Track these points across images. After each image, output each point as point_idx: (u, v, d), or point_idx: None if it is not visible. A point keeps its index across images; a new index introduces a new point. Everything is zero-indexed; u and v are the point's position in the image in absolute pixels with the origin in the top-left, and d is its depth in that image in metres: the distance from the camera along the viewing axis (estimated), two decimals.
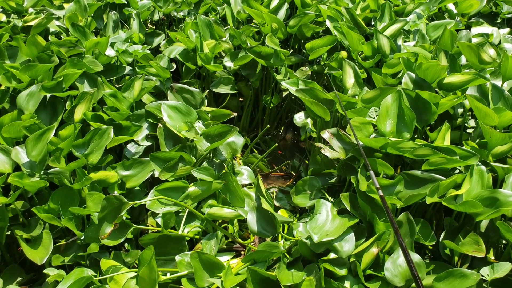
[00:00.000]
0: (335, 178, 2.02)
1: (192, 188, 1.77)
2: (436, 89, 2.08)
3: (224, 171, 1.89)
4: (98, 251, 1.62)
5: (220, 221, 1.91)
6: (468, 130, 2.14)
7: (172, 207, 1.74)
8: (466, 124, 2.13)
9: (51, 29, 2.70)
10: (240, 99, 2.93)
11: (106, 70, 2.35)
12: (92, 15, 2.90)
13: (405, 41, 2.68)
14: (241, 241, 1.82)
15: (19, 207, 1.77)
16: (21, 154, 1.80)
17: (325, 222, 1.59)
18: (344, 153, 1.89)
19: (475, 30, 2.92)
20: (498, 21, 3.34)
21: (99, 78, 2.17)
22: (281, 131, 2.98)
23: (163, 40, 2.93)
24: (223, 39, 2.77)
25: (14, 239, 1.80)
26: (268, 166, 2.62)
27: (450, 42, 2.40)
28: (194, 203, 1.80)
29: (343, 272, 1.46)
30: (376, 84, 2.25)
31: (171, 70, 2.56)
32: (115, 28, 2.87)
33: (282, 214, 2.03)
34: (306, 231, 1.59)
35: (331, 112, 2.08)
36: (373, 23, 2.88)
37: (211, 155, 2.04)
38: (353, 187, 1.74)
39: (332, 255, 1.50)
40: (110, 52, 2.49)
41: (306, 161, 2.60)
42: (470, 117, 2.16)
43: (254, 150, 2.65)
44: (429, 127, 2.18)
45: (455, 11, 3.17)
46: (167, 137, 2.01)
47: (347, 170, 1.85)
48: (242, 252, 1.86)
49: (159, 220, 1.71)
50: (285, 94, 2.89)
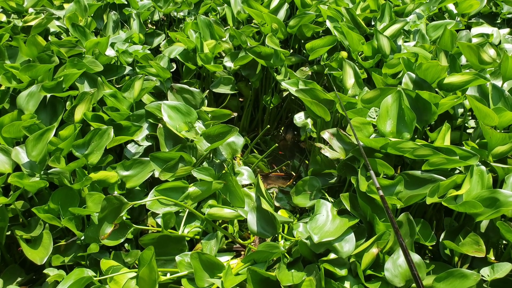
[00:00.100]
0: (335, 178, 2.02)
1: (192, 188, 1.78)
2: (436, 89, 2.08)
3: (224, 171, 1.89)
4: (98, 251, 1.62)
5: (220, 221, 1.91)
6: (468, 131, 2.14)
7: (172, 207, 1.74)
8: (466, 125, 2.13)
9: (51, 29, 2.70)
10: (240, 99, 2.93)
11: (106, 70, 2.35)
12: (92, 15, 2.90)
13: (405, 41, 2.68)
14: (241, 241, 1.82)
15: (19, 207, 1.77)
16: (21, 154, 1.80)
17: (325, 223, 1.59)
18: (344, 153, 1.89)
19: (475, 30, 2.92)
20: (498, 21, 3.34)
21: (99, 78, 2.17)
22: (281, 131, 2.98)
23: (163, 40, 2.93)
24: (223, 39, 2.77)
25: (14, 239, 1.80)
26: (268, 166, 2.62)
27: (450, 42, 2.40)
28: (194, 203, 1.80)
29: (343, 273, 1.46)
30: (376, 84, 2.25)
31: (171, 70, 2.56)
32: (115, 28, 2.87)
33: (282, 214, 2.03)
34: (306, 231, 1.59)
35: (331, 112, 2.08)
36: (373, 23, 2.88)
37: (211, 155, 2.04)
38: (353, 188, 1.74)
39: (332, 255, 1.50)
40: (110, 52, 2.49)
41: (306, 161, 2.60)
42: (470, 117, 2.16)
43: (254, 150, 2.65)
44: (429, 127, 2.18)
45: (455, 11, 3.17)
46: (167, 137, 2.02)
47: (347, 170, 1.85)
48: (242, 252, 1.86)
49: (159, 220, 1.71)
50: (285, 94, 2.89)
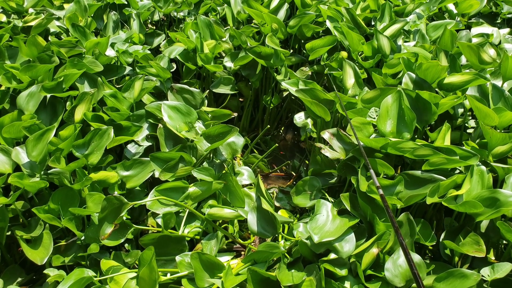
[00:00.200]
0: (335, 179, 2.02)
1: (192, 189, 1.77)
2: (436, 89, 2.07)
3: (224, 172, 1.89)
4: (98, 252, 1.62)
5: (220, 222, 1.91)
6: (468, 130, 2.14)
7: (172, 208, 1.74)
8: (466, 124, 2.13)
9: (51, 30, 2.70)
10: (240, 99, 2.93)
11: (106, 71, 2.35)
12: (92, 16, 2.90)
13: (405, 41, 2.68)
14: (241, 242, 1.82)
15: (20, 208, 1.77)
16: (21, 155, 1.80)
17: (326, 223, 1.59)
18: (344, 153, 1.89)
19: (475, 30, 2.92)
20: (498, 21, 3.34)
21: (99, 79, 2.17)
22: (281, 131, 2.98)
23: (163, 41, 2.94)
24: (223, 39, 2.77)
25: (15, 240, 1.80)
26: (268, 167, 2.62)
27: (450, 42, 2.40)
28: (194, 204, 1.80)
29: (344, 273, 1.46)
30: (376, 84, 2.25)
31: (171, 71, 2.56)
32: (115, 29, 2.87)
33: (282, 215, 2.03)
34: (307, 232, 1.59)
35: (331, 113, 2.08)
36: (373, 23, 2.88)
37: (211, 156, 2.04)
38: (353, 187, 1.74)
39: (333, 256, 1.50)
40: (110, 53, 2.49)
41: (306, 161, 2.60)
42: (470, 117, 2.16)
43: (254, 150, 2.65)
44: (429, 127, 2.18)
45: (455, 11, 3.17)
46: (167, 138, 2.02)
47: (347, 170, 1.85)
48: (242, 253, 1.86)
49: (159, 221, 1.71)
50: (285, 94, 2.89)
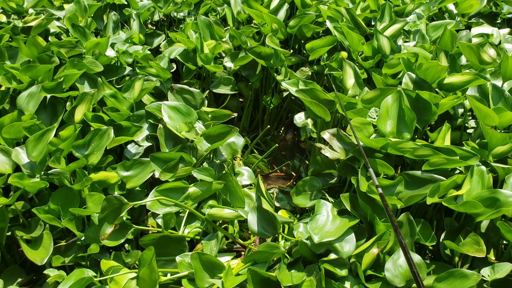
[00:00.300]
0: (336, 179, 2.02)
1: (193, 189, 1.77)
2: (436, 90, 2.07)
3: (225, 172, 1.89)
4: (99, 252, 1.62)
5: (221, 222, 1.91)
6: (469, 131, 2.14)
7: (173, 208, 1.74)
8: (467, 125, 2.13)
9: (51, 30, 2.70)
10: (240, 100, 2.93)
11: (106, 71, 2.35)
12: (92, 16, 2.91)
13: (405, 42, 2.68)
14: (242, 242, 1.82)
15: (20, 208, 1.77)
16: (22, 155, 1.80)
17: (326, 223, 1.59)
18: (345, 154, 1.89)
19: (475, 30, 2.92)
20: (498, 21, 3.34)
21: (99, 79, 2.17)
22: (281, 132, 2.98)
23: (163, 41, 2.94)
24: (223, 40, 2.77)
25: (15, 240, 1.80)
26: (268, 167, 2.62)
27: (450, 43, 2.40)
28: (195, 204, 1.80)
29: (344, 273, 1.46)
30: (376, 85, 2.25)
31: (171, 71, 2.56)
32: (115, 29, 2.87)
33: (283, 215, 2.03)
34: (307, 232, 1.59)
35: (331, 113, 2.08)
36: (373, 24, 2.88)
37: (211, 156, 2.04)
38: (354, 188, 1.74)
39: (333, 256, 1.50)
40: (110, 53, 2.49)
41: (307, 162, 2.60)
42: (470, 118, 2.16)
43: (254, 151, 2.66)
44: (430, 128, 2.18)
45: (455, 11, 3.17)
46: (168, 138, 2.02)
47: (348, 171, 1.85)
48: (243, 253, 1.86)
49: (160, 221, 1.71)
50: (285, 95, 2.89)
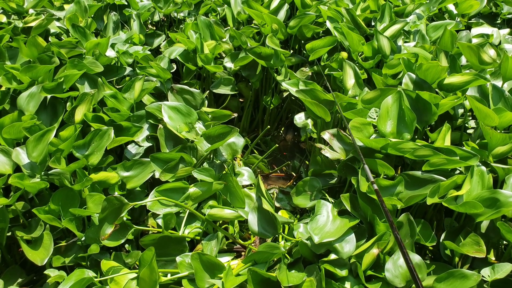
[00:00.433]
0: (336, 179, 2.02)
1: (193, 189, 1.78)
2: (437, 90, 2.08)
3: (225, 172, 1.89)
4: (99, 252, 1.62)
5: (221, 222, 1.91)
6: (469, 131, 2.14)
7: (173, 208, 1.74)
8: (467, 125, 2.13)
9: (52, 30, 2.70)
10: (241, 100, 2.93)
11: (107, 71, 2.35)
12: (93, 16, 2.91)
13: (405, 42, 2.68)
14: (242, 242, 1.82)
15: (20, 208, 1.77)
16: (22, 155, 1.80)
17: (326, 223, 1.59)
18: (345, 154, 1.89)
19: (475, 31, 2.92)
20: (498, 22, 3.34)
21: (100, 79, 2.17)
22: (282, 132, 2.98)
23: (164, 41, 2.94)
24: (223, 40, 2.77)
25: (15, 240, 1.80)
26: (269, 167, 2.62)
27: (450, 43, 2.40)
28: (195, 204, 1.80)
29: (344, 273, 1.46)
30: (377, 85, 2.25)
31: (172, 71, 2.56)
32: (115, 29, 2.87)
33: (283, 215, 2.03)
34: (307, 232, 1.60)
35: (332, 113, 2.08)
36: (373, 24, 2.88)
37: (212, 156, 2.04)
38: (354, 188, 1.74)
39: (333, 256, 1.50)
40: (111, 53, 2.49)
41: (307, 162, 2.60)
42: (471, 118, 2.16)
43: (255, 151, 2.66)
44: (430, 128, 2.18)
45: (455, 12, 3.17)
46: (168, 138, 2.02)
47: (348, 171, 1.85)
48: (243, 253, 1.86)
49: (160, 221, 1.71)
50: (286, 95, 2.89)
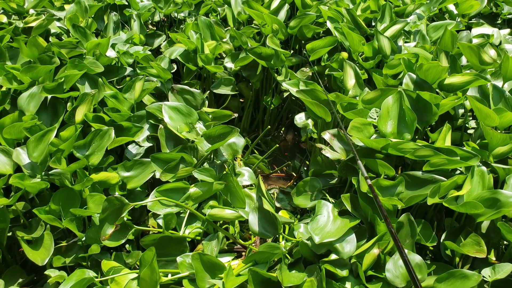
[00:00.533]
0: (336, 179, 2.02)
1: (193, 189, 1.78)
2: (437, 90, 2.08)
3: (225, 172, 1.89)
4: (99, 252, 1.62)
5: (221, 222, 1.91)
6: (469, 131, 2.14)
7: (173, 208, 1.74)
8: (467, 125, 2.13)
9: (52, 30, 2.70)
10: (241, 100, 2.93)
11: (107, 71, 2.35)
12: (93, 16, 2.91)
13: (406, 42, 2.68)
14: (242, 242, 1.82)
15: (20, 208, 1.77)
16: (22, 155, 1.80)
17: (326, 223, 1.59)
18: (345, 154, 1.89)
19: (476, 31, 2.92)
20: (499, 22, 3.34)
21: (100, 79, 2.17)
22: (282, 132, 2.98)
23: (164, 41, 2.94)
24: (224, 40, 2.77)
25: (15, 240, 1.80)
26: (269, 167, 2.62)
27: (451, 43, 2.40)
28: (195, 204, 1.80)
29: (344, 273, 1.46)
30: (377, 85, 2.25)
31: (172, 71, 2.56)
32: (116, 29, 2.88)
33: (283, 215, 2.03)
34: (307, 232, 1.59)
35: (332, 113, 2.08)
36: (374, 24, 2.88)
37: (212, 156, 2.04)
38: (354, 188, 1.74)
39: (333, 256, 1.50)
40: (111, 53, 2.49)
41: (307, 162, 2.60)
42: (471, 118, 2.16)
43: (255, 151, 2.66)
44: (430, 128, 2.18)
45: (456, 12, 3.17)
46: (168, 138, 2.02)
47: (348, 171, 1.85)
48: (243, 253, 1.86)
49: (160, 221, 1.71)
50: (286, 95, 2.89)
